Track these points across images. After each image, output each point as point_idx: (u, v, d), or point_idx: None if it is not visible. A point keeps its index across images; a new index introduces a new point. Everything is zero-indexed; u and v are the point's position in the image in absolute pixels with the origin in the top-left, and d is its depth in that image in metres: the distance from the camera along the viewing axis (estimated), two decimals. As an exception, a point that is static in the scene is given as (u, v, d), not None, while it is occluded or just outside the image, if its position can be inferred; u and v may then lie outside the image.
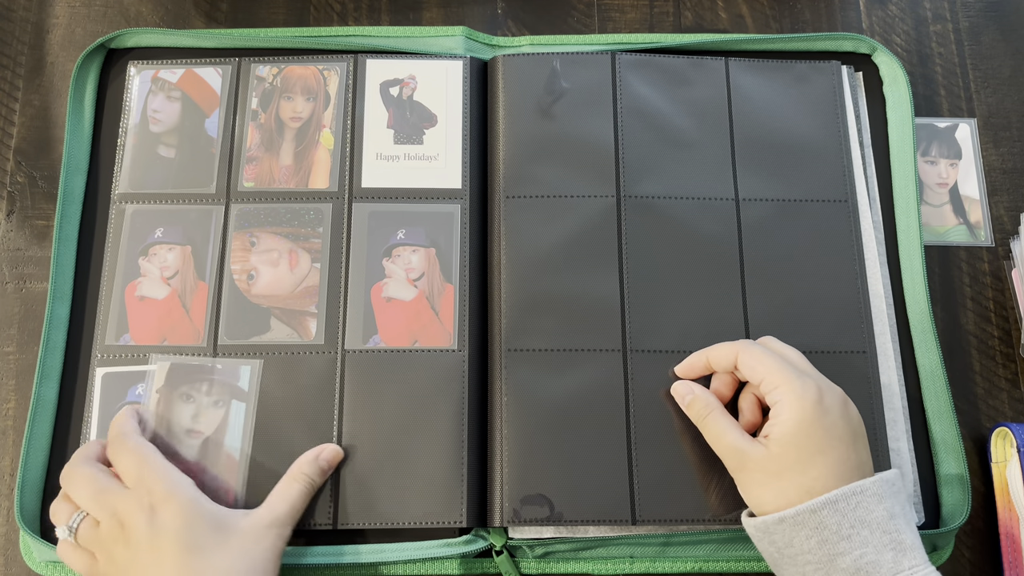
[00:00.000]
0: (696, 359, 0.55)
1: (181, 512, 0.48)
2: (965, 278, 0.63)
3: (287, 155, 0.62)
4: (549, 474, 0.55)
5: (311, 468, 0.53)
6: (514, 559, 0.55)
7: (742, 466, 0.50)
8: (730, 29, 0.69)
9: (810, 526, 0.46)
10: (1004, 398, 0.61)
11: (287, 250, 0.60)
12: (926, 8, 0.70)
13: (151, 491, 0.49)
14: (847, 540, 0.45)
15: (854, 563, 0.45)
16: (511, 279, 0.59)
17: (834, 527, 0.46)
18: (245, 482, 0.55)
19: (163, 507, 0.48)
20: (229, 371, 0.57)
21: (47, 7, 0.68)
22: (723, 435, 0.51)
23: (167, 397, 0.56)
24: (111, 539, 0.48)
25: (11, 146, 0.65)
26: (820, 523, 0.46)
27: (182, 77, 0.64)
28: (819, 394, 0.49)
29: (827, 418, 0.49)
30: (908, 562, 0.45)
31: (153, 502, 0.48)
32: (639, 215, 0.60)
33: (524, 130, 0.62)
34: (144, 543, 0.47)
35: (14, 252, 0.63)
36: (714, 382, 0.55)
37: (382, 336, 0.58)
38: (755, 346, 0.52)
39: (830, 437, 0.48)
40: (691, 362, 0.56)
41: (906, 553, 0.45)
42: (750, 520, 0.49)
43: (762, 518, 0.48)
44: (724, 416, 0.52)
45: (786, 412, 0.49)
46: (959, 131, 0.67)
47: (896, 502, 0.47)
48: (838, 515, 0.46)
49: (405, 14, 0.69)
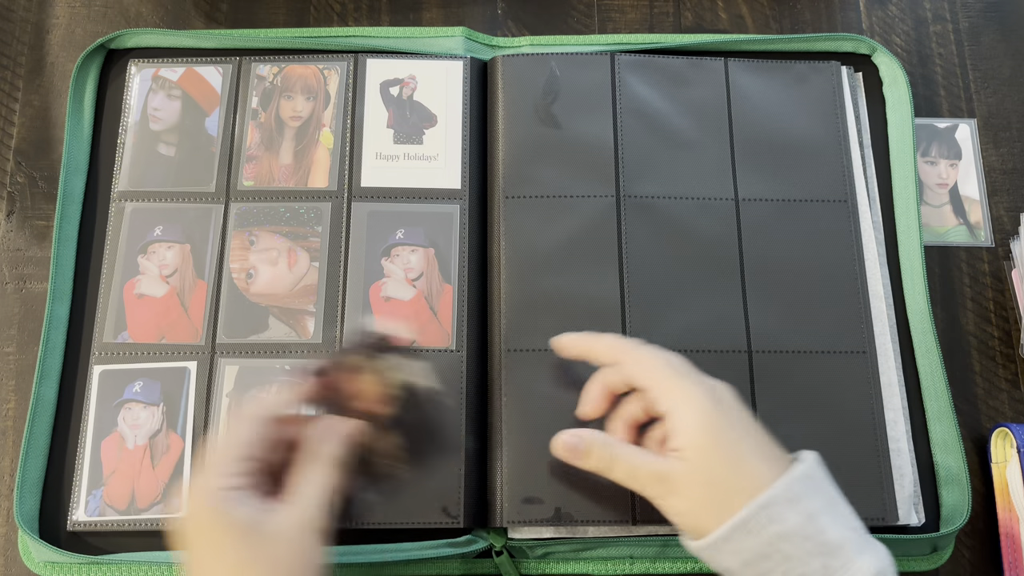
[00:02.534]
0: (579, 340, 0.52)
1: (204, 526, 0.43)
2: (965, 278, 0.63)
3: (287, 154, 0.62)
4: (549, 474, 0.54)
5: (329, 444, 0.46)
6: (514, 559, 0.55)
7: (671, 489, 0.45)
8: (730, 29, 0.69)
9: (727, 552, 0.43)
10: (1004, 398, 0.61)
11: (286, 249, 0.60)
12: (926, 8, 0.70)
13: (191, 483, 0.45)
14: (767, 559, 0.43)
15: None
16: (511, 279, 0.59)
17: (752, 548, 0.43)
18: None
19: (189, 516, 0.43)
20: None
21: (47, 7, 0.69)
22: (640, 466, 0.47)
23: (238, 401, 0.56)
24: None
25: (11, 146, 0.65)
26: (737, 548, 0.43)
27: (183, 76, 0.64)
28: (713, 392, 0.46)
29: (727, 409, 0.46)
30: (837, 562, 0.42)
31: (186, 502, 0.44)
32: (639, 215, 0.60)
33: (524, 130, 0.62)
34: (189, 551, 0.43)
35: (14, 252, 0.63)
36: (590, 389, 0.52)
37: (381, 335, 0.58)
38: (644, 346, 0.49)
39: (740, 427, 0.46)
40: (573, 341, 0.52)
41: (834, 554, 0.42)
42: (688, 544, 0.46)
43: (692, 546, 0.45)
44: (628, 446, 0.48)
45: (688, 418, 0.45)
46: (959, 131, 0.67)
47: (815, 497, 0.44)
48: (751, 536, 0.43)
49: (405, 14, 0.69)
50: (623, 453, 0.48)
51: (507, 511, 0.54)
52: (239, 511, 0.42)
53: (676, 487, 0.45)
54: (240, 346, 0.58)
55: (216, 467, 0.44)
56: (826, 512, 0.43)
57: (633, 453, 0.48)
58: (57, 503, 0.56)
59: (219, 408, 0.57)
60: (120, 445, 0.56)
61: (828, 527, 0.43)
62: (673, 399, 0.46)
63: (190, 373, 0.57)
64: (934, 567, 0.55)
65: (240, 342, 0.58)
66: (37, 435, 0.56)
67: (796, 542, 0.42)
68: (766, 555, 0.43)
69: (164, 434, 0.56)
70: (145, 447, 0.56)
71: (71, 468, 0.56)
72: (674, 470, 0.45)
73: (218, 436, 0.47)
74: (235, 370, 0.57)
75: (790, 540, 0.42)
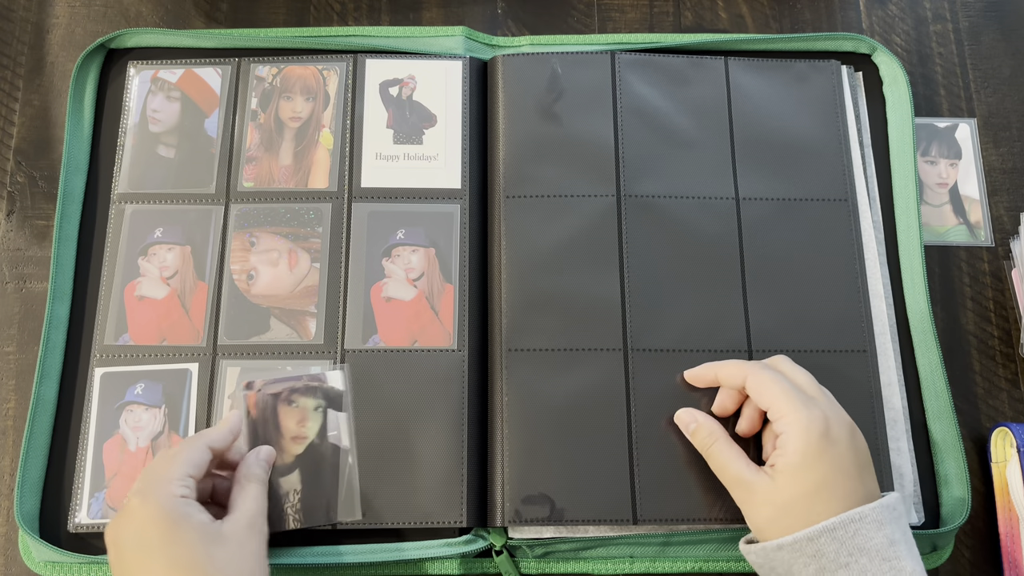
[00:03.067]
0: (705, 371, 0.55)
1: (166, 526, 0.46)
2: (965, 278, 0.63)
3: (287, 155, 0.62)
4: (550, 474, 0.55)
5: (260, 468, 0.52)
6: (514, 559, 0.55)
7: (748, 497, 0.49)
8: (730, 29, 0.69)
9: (808, 554, 0.46)
10: (1004, 398, 0.61)
11: (287, 250, 0.60)
12: (926, 8, 0.70)
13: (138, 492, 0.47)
14: (845, 568, 0.45)
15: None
16: (511, 279, 0.59)
17: (832, 555, 0.45)
18: (347, 485, 0.55)
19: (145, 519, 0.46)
20: (300, 373, 0.57)
21: (47, 7, 0.68)
22: (728, 466, 0.51)
23: (239, 402, 0.56)
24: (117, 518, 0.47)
25: (11, 146, 0.65)
26: (818, 551, 0.46)
27: (182, 77, 0.64)
28: (826, 425, 0.49)
29: (834, 449, 0.48)
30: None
31: (133, 509, 0.46)
32: (639, 214, 0.60)
33: (524, 130, 0.62)
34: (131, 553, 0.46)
35: (14, 252, 0.63)
36: (720, 395, 0.55)
37: (382, 336, 0.58)
38: (764, 370, 0.52)
39: (836, 470, 0.48)
40: (700, 373, 0.56)
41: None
42: (749, 547, 0.49)
43: (761, 545, 0.48)
44: (729, 446, 0.52)
45: (792, 444, 0.48)
46: (959, 131, 0.67)
47: (897, 528, 0.46)
48: (836, 543, 0.45)
49: (405, 14, 0.69)
50: (721, 450, 0.52)
51: (507, 510, 0.54)
52: (199, 515, 0.47)
53: (755, 499, 0.49)
54: (241, 347, 0.58)
55: (171, 477, 0.48)
56: (904, 543, 0.46)
57: (729, 454, 0.51)
58: (57, 503, 0.56)
59: (221, 409, 0.57)
60: (122, 447, 0.56)
61: (904, 556, 0.46)
62: (787, 423, 0.49)
63: (192, 375, 0.57)
64: (934, 566, 0.56)
65: (241, 343, 0.58)
66: (37, 435, 0.56)
67: (875, 560, 0.45)
68: (844, 564, 0.45)
69: (166, 436, 0.56)
70: (147, 449, 0.56)
71: (71, 468, 0.56)
72: (759, 484, 0.49)
73: (163, 454, 0.50)
74: (237, 371, 0.57)
75: (870, 556, 0.45)
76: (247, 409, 0.55)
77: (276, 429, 0.55)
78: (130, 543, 0.46)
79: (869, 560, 0.45)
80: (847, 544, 0.45)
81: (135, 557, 0.45)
